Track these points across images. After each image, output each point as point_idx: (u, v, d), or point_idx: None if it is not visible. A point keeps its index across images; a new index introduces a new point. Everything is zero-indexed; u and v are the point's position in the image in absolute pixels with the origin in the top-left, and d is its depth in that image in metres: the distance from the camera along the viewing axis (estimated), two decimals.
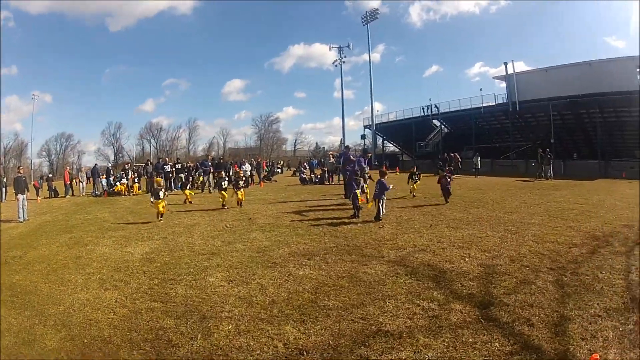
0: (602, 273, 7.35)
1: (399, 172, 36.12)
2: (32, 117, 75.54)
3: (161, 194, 15.21)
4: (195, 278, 8.15)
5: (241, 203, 17.68)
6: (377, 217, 13.01)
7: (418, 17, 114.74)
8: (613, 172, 31.43)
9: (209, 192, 25.55)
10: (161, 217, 15.05)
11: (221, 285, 7.68)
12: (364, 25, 61.52)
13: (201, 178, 29.93)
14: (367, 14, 60.85)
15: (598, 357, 3.94)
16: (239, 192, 17.56)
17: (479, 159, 37.13)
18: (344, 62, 65.03)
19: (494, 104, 49.40)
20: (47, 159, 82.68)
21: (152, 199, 14.99)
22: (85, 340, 5.87)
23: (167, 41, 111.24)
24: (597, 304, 6.05)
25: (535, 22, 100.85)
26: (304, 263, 8.70)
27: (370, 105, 63.84)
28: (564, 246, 9.29)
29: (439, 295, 6.63)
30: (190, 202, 20.46)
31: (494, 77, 56.12)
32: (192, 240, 11.42)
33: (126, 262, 9.73)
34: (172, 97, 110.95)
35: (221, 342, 5.52)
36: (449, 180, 16.95)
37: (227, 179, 19.14)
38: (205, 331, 5.86)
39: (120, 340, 5.79)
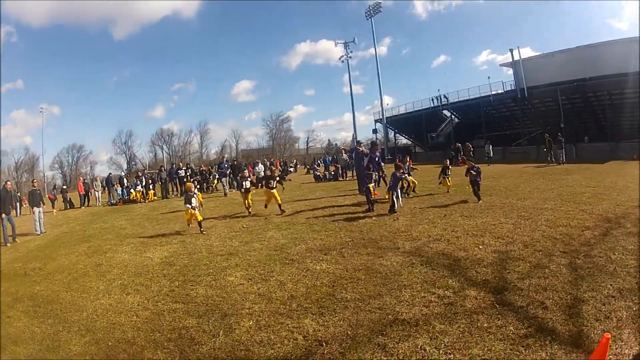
0: (615, 254, 7.37)
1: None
2: (42, 130, 76.23)
3: (194, 200, 13.48)
4: (215, 278, 8.32)
5: (280, 206, 15.46)
6: (392, 210, 13.06)
7: (423, 7, 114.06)
8: (624, 154, 31.16)
9: (224, 195, 25.31)
10: (200, 228, 13.32)
11: (241, 284, 7.84)
12: (367, 19, 61.23)
13: (215, 181, 30.09)
14: (370, 7, 60.55)
15: (610, 336, 4.00)
16: (275, 192, 15.61)
17: (490, 147, 37.00)
18: (350, 57, 64.56)
19: (502, 91, 48.93)
20: (60, 171, 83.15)
21: (187, 206, 13.43)
22: (110, 343, 6.06)
23: (173, 46, 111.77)
24: (611, 285, 6.10)
25: (538, 7, 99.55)
26: (320, 258, 8.82)
27: (379, 99, 63.54)
28: (576, 229, 9.30)
29: (454, 283, 6.73)
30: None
31: (500, 64, 55.53)
32: (210, 242, 11.56)
33: (146, 266, 9.91)
34: (181, 102, 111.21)
35: (243, 337, 5.68)
36: (478, 172, 14.53)
37: (249, 179, 17.08)
38: (227, 328, 6.02)
39: (144, 341, 5.97)
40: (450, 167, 18.00)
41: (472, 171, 14.52)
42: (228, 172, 27.40)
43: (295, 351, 5.18)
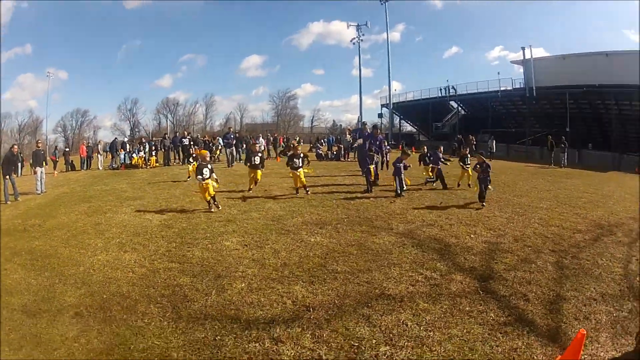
0: (602, 260, 7.53)
1: (415, 152, 36.13)
2: (47, 95, 75.79)
3: (206, 170, 11.46)
4: (212, 242, 8.56)
5: (306, 188, 13.71)
6: (399, 193, 13.27)
7: None
8: (626, 165, 31.16)
9: (228, 166, 25.28)
10: (214, 202, 11.70)
11: (236, 249, 8.09)
12: (382, 4, 60.57)
13: (218, 151, 30.20)
14: None
15: (585, 332, 4.11)
16: (300, 173, 13.65)
17: (494, 142, 36.95)
18: (362, 40, 63.60)
19: (511, 88, 48.61)
20: (63, 134, 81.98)
21: (199, 177, 11.37)
22: (105, 296, 6.28)
23: (183, 17, 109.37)
24: (594, 288, 6.25)
25: (556, 10, 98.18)
26: (316, 231, 9.06)
27: (388, 84, 63.06)
28: (568, 231, 9.47)
29: (441, 266, 6.96)
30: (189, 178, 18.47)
31: (511, 62, 55.40)
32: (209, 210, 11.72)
33: (145, 227, 10.11)
34: (189, 72, 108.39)
35: (234, 298, 5.93)
36: (488, 170, 12.35)
37: (260, 155, 15.08)
38: (220, 288, 6.27)
39: (138, 296, 6.21)
40: (469, 155, 16.51)
41: (480, 166, 12.42)
42: (234, 142, 27.21)
43: (283, 314, 5.41)
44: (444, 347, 4.59)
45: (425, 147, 16.78)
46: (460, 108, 57.94)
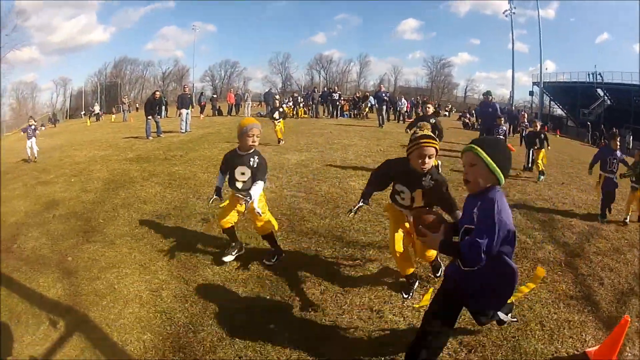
0: None
1: (559, 135, 34.07)
2: (193, 46, 78.62)
3: None
4: (340, 181, 9.74)
5: None
6: (526, 167, 13.60)
7: None
8: None
9: (379, 125, 24.56)
10: None
11: (360, 189, 8.79)
12: None
13: (367, 109, 31.33)
14: None
15: (629, 319, 4.09)
16: None
17: (630, 137, 34.58)
18: (514, 13, 61.10)
19: None
20: (211, 83, 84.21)
21: None
22: None
23: None
24: None
25: None
26: None
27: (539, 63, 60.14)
28: None
29: (538, 235, 7.33)
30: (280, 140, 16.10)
31: None
32: (345, 156, 12.86)
33: (282, 164, 11.48)
34: (344, 31, 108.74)
35: (344, 224, 7.05)
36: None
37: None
38: (335, 215, 7.43)
39: None
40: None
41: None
42: (385, 102, 26.48)
43: (381, 242, 6.35)
44: None
45: (538, 124, 14.13)
46: (606, 97, 54.13)
